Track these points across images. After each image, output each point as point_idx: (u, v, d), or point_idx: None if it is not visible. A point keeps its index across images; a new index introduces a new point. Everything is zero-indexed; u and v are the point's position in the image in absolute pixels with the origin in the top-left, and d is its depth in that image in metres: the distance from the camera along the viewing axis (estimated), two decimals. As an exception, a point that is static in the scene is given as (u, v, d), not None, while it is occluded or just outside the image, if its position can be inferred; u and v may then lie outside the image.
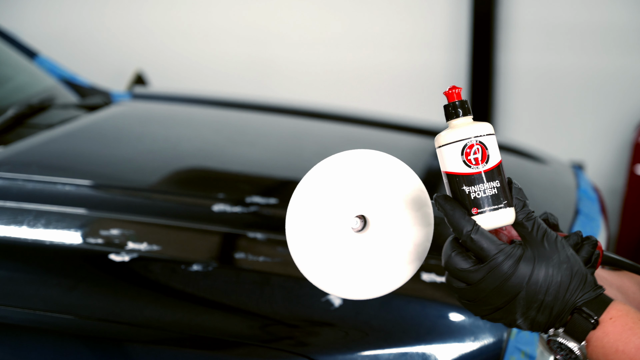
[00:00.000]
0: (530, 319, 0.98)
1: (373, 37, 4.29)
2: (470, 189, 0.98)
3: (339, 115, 2.74)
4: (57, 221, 1.72)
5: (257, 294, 1.52)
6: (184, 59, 4.57)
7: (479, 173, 0.98)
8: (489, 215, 0.98)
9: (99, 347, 1.49)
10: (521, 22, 4.06)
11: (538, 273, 0.96)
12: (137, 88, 3.04)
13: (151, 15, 4.59)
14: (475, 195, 0.98)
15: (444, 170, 1.00)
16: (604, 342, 0.97)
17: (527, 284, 0.96)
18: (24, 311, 1.52)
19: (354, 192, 1.00)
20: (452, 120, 1.01)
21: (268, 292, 1.52)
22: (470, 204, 0.98)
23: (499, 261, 0.96)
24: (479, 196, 0.98)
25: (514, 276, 0.96)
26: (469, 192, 0.98)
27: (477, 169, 0.98)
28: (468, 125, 1.00)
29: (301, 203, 1.00)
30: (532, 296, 0.96)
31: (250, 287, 1.54)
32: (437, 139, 1.00)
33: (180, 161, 2.18)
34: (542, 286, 0.96)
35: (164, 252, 1.64)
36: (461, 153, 0.99)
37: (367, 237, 1.01)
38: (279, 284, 1.54)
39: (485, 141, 0.99)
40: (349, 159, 1.01)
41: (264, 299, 1.51)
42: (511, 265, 0.96)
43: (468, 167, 0.98)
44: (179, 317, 1.48)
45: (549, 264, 0.96)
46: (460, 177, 0.99)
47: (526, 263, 0.96)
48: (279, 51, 4.44)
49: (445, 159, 1.00)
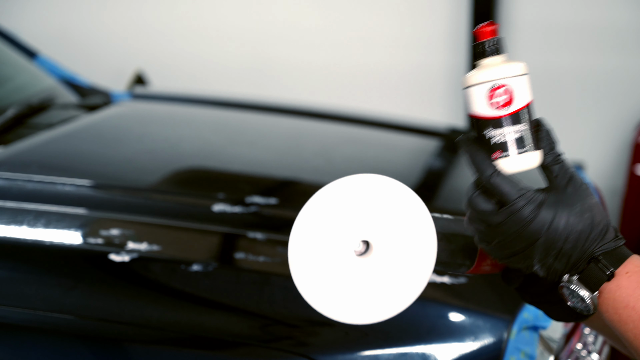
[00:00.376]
0: (547, 265, 0.96)
1: (373, 37, 4.29)
2: (493, 132, 0.96)
3: (339, 115, 2.74)
4: (57, 221, 1.72)
5: (257, 294, 1.52)
6: (184, 59, 4.57)
7: (503, 116, 0.96)
8: (513, 159, 0.96)
9: (99, 347, 1.49)
10: (521, 22, 4.06)
11: (559, 220, 0.94)
12: (137, 88, 3.04)
13: (151, 15, 4.59)
14: (498, 139, 0.96)
15: (469, 112, 0.98)
16: (616, 295, 0.95)
17: (546, 230, 0.94)
18: (24, 311, 1.52)
19: (358, 217, 0.99)
20: (481, 60, 0.98)
21: (268, 292, 1.52)
22: (493, 147, 0.96)
23: (519, 206, 0.94)
24: (502, 140, 0.96)
25: (534, 222, 0.94)
26: (492, 135, 0.96)
27: (501, 112, 0.95)
28: (496, 65, 0.96)
29: (305, 227, 0.99)
30: (551, 243, 0.94)
31: (250, 287, 1.54)
32: (464, 79, 0.98)
33: (180, 161, 2.18)
34: (561, 234, 0.94)
35: (164, 252, 1.64)
36: (486, 95, 0.96)
37: (369, 261, 1.00)
38: (279, 284, 1.54)
39: (513, 82, 0.96)
40: (353, 183, 0.99)
41: (264, 299, 1.51)
42: (532, 210, 0.94)
43: (492, 109, 0.96)
44: (179, 317, 1.48)
45: (571, 211, 0.94)
46: (484, 120, 0.96)
47: (547, 209, 0.94)
48: (279, 51, 4.43)
49: (470, 101, 0.97)
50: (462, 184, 2.24)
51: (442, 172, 2.34)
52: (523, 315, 1.56)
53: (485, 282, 1.62)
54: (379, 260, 1.00)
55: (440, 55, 4.22)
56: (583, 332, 1.76)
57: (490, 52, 0.98)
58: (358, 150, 2.43)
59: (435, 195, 2.16)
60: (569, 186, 0.96)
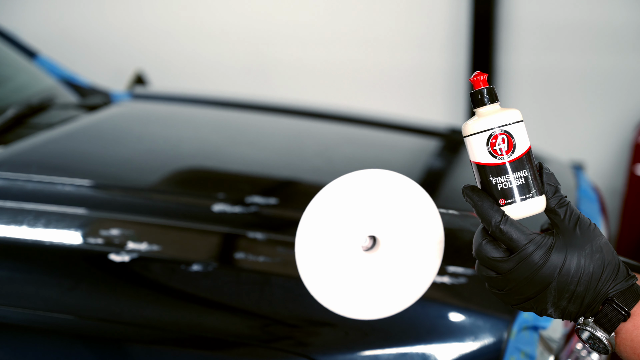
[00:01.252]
0: (561, 308, 0.97)
1: (373, 37, 4.29)
2: (497, 179, 0.97)
3: (339, 115, 2.74)
4: (57, 221, 1.72)
5: (257, 294, 1.52)
6: (184, 59, 4.57)
7: (504, 164, 0.97)
8: (519, 206, 0.97)
9: (99, 347, 1.49)
10: (521, 22, 4.06)
11: (570, 263, 0.94)
12: (137, 88, 3.04)
13: (151, 15, 4.59)
14: (502, 186, 0.97)
15: (471, 160, 0.99)
16: (634, 335, 0.95)
17: (558, 274, 0.94)
18: (24, 311, 1.52)
19: (365, 212, 0.99)
20: (479, 109, 0.99)
21: (268, 292, 1.52)
22: (498, 195, 0.97)
23: (529, 251, 0.94)
24: (506, 187, 0.97)
25: (545, 266, 0.94)
26: (496, 182, 0.97)
27: (502, 159, 0.97)
28: (494, 113, 0.98)
29: (312, 221, 0.99)
30: (564, 286, 0.95)
31: (250, 287, 1.54)
32: (463, 127, 0.98)
33: (180, 161, 2.18)
34: (574, 276, 0.95)
35: (164, 252, 1.64)
36: (486, 143, 0.97)
37: (376, 257, 1.00)
38: (279, 284, 1.54)
39: (511, 130, 0.97)
40: (360, 178, 0.99)
41: (264, 299, 1.51)
42: (542, 255, 0.94)
43: (494, 157, 0.97)
44: (179, 317, 1.48)
45: (582, 253, 0.95)
46: (487, 168, 0.97)
47: (558, 253, 0.95)
48: (279, 51, 4.44)
49: (471, 149, 0.98)
50: (462, 184, 2.24)
51: (442, 172, 2.34)
52: (523, 315, 1.56)
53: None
54: (386, 255, 1.00)
55: (440, 55, 4.22)
56: (583, 332, 1.75)
57: (487, 101, 0.99)
58: (358, 150, 2.43)
59: (435, 195, 2.16)
60: (577, 228, 0.96)
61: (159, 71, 4.39)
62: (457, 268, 1.64)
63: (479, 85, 0.99)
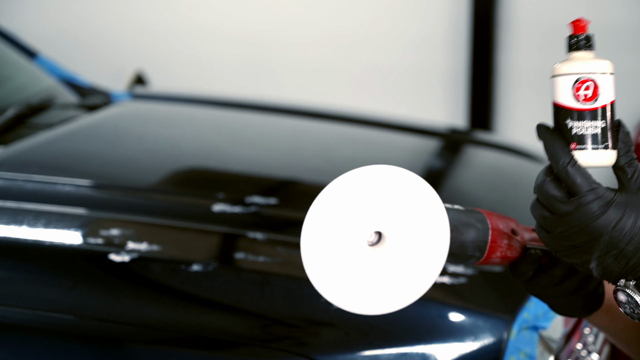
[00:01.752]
0: (604, 265, 0.96)
1: (373, 37, 4.29)
2: (574, 123, 0.98)
3: (339, 115, 2.74)
4: (57, 221, 1.72)
5: (257, 294, 1.52)
6: (184, 59, 4.57)
7: (585, 110, 0.97)
8: (589, 153, 0.97)
9: (99, 347, 1.49)
10: (521, 22, 4.06)
11: (626, 221, 0.94)
12: (137, 88, 3.04)
13: (151, 15, 4.59)
14: (577, 131, 0.97)
15: (553, 101, 1.00)
16: None
17: (612, 229, 0.94)
18: (24, 311, 1.52)
19: (371, 208, 0.99)
20: (573, 53, 1.00)
21: (268, 292, 1.52)
22: (571, 139, 0.98)
23: (589, 199, 0.94)
24: (580, 132, 0.97)
25: (601, 218, 0.94)
26: (572, 126, 0.98)
27: (584, 105, 0.97)
28: (586, 60, 0.98)
29: (318, 216, 0.99)
30: (614, 242, 0.94)
31: (250, 287, 1.54)
32: (552, 68, 0.99)
33: (180, 161, 2.18)
34: (626, 235, 0.94)
35: (164, 252, 1.64)
36: (572, 86, 0.98)
37: (382, 252, 1.00)
38: (279, 284, 1.54)
39: (599, 79, 0.98)
40: (365, 174, 1.00)
41: (264, 299, 1.51)
42: (601, 206, 0.94)
43: (576, 101, 0.98)
44: (179, 317, 1.48)
45: (639, 215, 0.95)
46: (566, 111, 0.98)
47: (616, 208, 0.94)
48: (279, 51, 4.44)
49: (555, 90, 0.99)
50: (462, 183, 2.24)
51: (442, 172, 2.34)
52: (523, 315, 1.56)
53: (486, 282, 1.62)
54: (392, 250, 1.00)
55: (440, 55, 4.22)
56: (583, 332, 1.76)
57: (582, 46, 1.00)
58: (358, 150, 2.43)
59: (435, 195, 2.16)
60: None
61: (159, 71, 4.39)
62: (457, 268, 1.64)
63: (578, 31, 1.01)
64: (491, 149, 2.57)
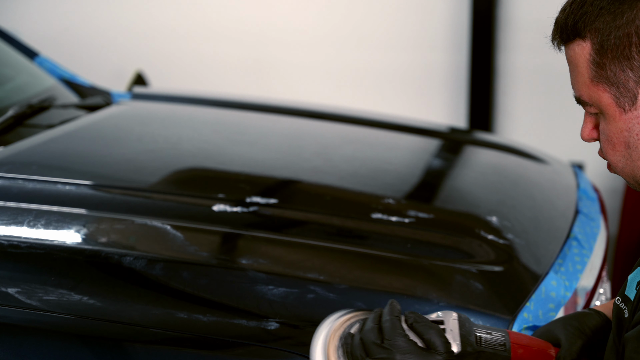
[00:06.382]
0: None
1: (373, 37, 4.29)
2: None
3: (339, 115, 2.74)
4: (57, 221, 1.72)
5: (258, 294, 1.52)
6: (184, 59, 4.57)
7: None
8: None
9: (99, 347, 1.49)
10: (521, 22, 4.06)
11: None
12: (137, 88, 3.04)
13: (151, 15, 4.59)
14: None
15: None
16: None
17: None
18: (24, 311, 1.52)
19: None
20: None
21: (268, 292, 1.52)
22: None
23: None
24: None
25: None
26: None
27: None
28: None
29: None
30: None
31: (251, 287, 1.54)
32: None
33: (180, 161, 2.18)
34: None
35: (164, 252, 1.64)
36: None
37: None
38: (279, 284, 1.54)
39: None
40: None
41: (264, 299, 1.51)
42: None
43: None
44: (179, 317, 1.48)
45: None
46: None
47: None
48: (279, 51, 4.44)
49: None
50: (462, 183, 2.24)
51: (442, 172, 2.34)
52: (523, 315, 1.56)
53: (486, 282, 1.62)
54: None
55: (440, 55, 4.22)
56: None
57: None
58: (358, 150, 2.43)
59: (436, 195, 2.16)
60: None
61: (159, 71, 4.39)
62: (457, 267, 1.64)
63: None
64: (491, 149, 2.57)
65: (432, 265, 1.65)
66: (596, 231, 2.05)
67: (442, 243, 1.77)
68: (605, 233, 2.13)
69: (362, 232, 1.79)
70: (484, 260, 1.70)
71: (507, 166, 2.44)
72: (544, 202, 2.13)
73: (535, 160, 2.50)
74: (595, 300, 1.91)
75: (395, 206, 1.91)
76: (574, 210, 2.10)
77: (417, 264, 1.66)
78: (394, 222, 1.82)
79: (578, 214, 2.09)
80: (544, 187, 2.25)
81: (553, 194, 2.22)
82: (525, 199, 2.12)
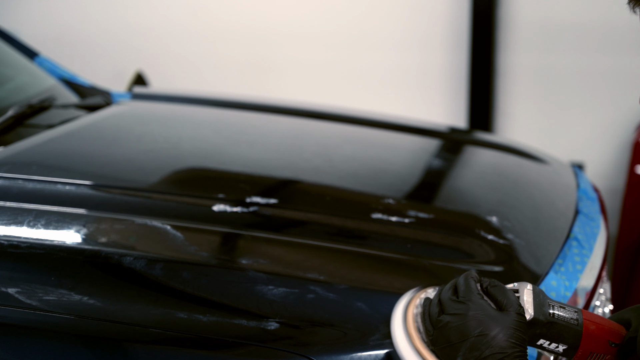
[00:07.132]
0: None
1: (373, 37, 4.29)
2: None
3: (339, 115, 2.74)
4: (57, 221, 1.72)
5: (258, 294, 1.52)
6: (184, 59, 4.57)
7: None
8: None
9: (99, 347, 1.49)
10: (521, 22, 4.06)
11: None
12: (137, 88, 3.04)
13: (151, 15, 4.59)
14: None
15: None
16: None
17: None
18: (24, 311, 1.52)
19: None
20: None
21: (268, 292, 1.52)
22: None
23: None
24: None
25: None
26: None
27: None
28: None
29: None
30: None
31: (251, 287, 1.54)
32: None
33: (180, 161, 2.18)
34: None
35: (163, 252, 1.63)
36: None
37: None
38: (279, 284, 1.54)
39: None
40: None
41: (264, 299, 1.51)
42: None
43: None
44: (179, 317, 1.48)
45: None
46: None
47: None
48: (279, 51, 4.44)
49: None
50: (462, 183, 2.24)
51: (442, 172, 2.34)
52: (523, 315, 1.56)
53: (485, 282, 1.62)
54: None
55: (440, 55, 4.22)
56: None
57: None
58: (358, 150, 2.43)
59: (436, 195, 2.16)
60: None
61: (159, 71, 4.39)
62: (456, 266, 1.64)
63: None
64: (491, 149, 2.57)
65: (432, 265, 1.65)
66: (596, 231, 2.05)
67: (442, 243, 1.77)
68: (605, 233, 2.13)
69: (362, 232, 1.79)
70: (484, 261, 1.71)
71: (507, 166, 2.44)
72: (544, 202, 2.13)
73: (535, 160, 2.50)
74: (595, 300, 1.91)
75: (395, 206, 1.91)
76: (574, 211, 2.10)
77: (417, 264, 1.66)
78: (394, 222, 1.82)
79: (578, 214, 2.09)
80: (544, 187, 2.25)
81: (553, 194, 2.22)
82: (525, 199, 2.12)
